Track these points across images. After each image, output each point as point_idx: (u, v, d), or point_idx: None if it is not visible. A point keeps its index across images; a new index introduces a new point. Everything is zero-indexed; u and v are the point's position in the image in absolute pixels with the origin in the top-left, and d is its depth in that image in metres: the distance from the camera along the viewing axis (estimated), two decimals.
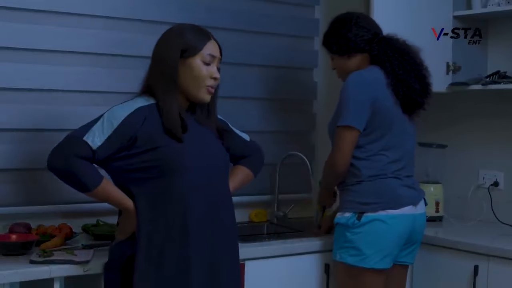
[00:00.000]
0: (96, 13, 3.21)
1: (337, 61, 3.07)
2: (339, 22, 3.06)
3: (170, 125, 2.41)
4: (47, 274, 2.51)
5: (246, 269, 2.92)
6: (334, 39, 3.04)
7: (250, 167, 2.78)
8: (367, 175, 2.90)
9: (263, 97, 3.75)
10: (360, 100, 2.86)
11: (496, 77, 3.44)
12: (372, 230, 2.85)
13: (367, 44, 2.99)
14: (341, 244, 2.92)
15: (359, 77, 2.91)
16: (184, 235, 2.38)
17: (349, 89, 2.89)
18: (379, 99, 2.88)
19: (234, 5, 3.63)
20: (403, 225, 2.89)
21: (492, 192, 3.57)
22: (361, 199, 2.89)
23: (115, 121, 2.38)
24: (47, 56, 3.10)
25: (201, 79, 2.48)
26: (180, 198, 2.39)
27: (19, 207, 3.05)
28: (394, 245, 2.89)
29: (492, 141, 3.63)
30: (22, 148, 3.04)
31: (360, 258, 2.86)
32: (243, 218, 3.66)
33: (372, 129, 2.89)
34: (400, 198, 2.90)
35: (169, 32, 2.53)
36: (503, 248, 2.97)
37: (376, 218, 2.85)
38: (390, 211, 2.86)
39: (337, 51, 3.04)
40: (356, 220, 2.86)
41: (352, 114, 2.86)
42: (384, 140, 2.91)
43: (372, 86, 2.88)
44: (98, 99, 3.16)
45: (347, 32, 3.00)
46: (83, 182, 2.37)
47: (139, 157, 2.39)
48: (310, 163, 3.61)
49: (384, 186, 2.90)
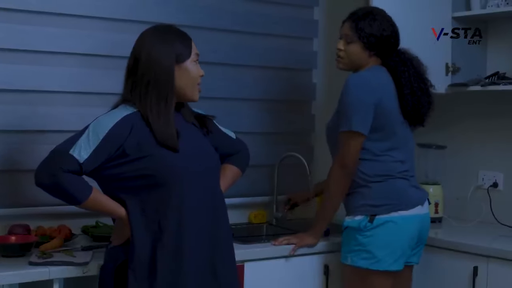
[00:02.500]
0: (94, 14, 3.21)
1: (355, 49, 2.93)
2: (384, 19, 2.94)
3: (166, 139, 2.38)
4: (46, 275, 2.51)
5: (246, 271, 2.92)
6: (373, 32, 2.90)
7: (238, 165, 2.76)
8: (374, 176, 2.89)
9: (262, 98, 3.75)
10: (364, 104, 2.84)
11: (495, 78, 3.44)
12: (384, 232, 2.85)
13: (390, 52, 2.95)
14: (351, 247, 2.90)
15: (362, 79, 2.88)
16: (179, 241, 2.37)
17: (352, 92, 2.85)
18: (382, 101, 2.86)
19: (234, 6, 3.63)
20: (414, 225, 2.90)
21: (491, 193, 3.57)
22: (371, 202, 2.88)
23: (101, 132, 2.36)
24: (44, 57, 3.11)
25: (195, 79, 2.49)
26: (177, 204, 2.38)
27: (18, 209, 3.05)
28: (406, 246, 2.90)
29: (492, 142, 3.63)
30: (22, 149, 3.04)
31: (373, 261, 2.85)
32: (242, 219, 3.66)
33: (376, 130, 2.88)
34: (410, 198, 2.91)
35: (151, 39, 2.45)
36: (503, 249, 2.97)
37: (388, 220, 2.85)
38: (402, 212, 2.87)
39: (366, 42, 2.91)
40: (368, 223, 2.85)
41: (356, 119, 2.83)
42: (389, 141, 2.91)
43: (376, 89, 2.86)
44: (96, 101, 3.16)
45: (389, 36, 2.93)
46: (72, 195, 2.35)
47: (129, 166, 2.37)
48: (309, 164, 3.61)
49: (394, 187, 2.90)
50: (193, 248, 2.40)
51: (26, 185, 3.02)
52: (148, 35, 2.48)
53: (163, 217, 2.37)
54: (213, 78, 3.37)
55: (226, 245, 2.52)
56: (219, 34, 3.58)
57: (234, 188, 2.91)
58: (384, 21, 2.93)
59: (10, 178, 3.05)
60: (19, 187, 3.04)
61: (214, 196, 2.50)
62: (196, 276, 2.40)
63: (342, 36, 2.97)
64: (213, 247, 2.46)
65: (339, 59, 2.99)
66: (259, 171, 3.72)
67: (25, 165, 2.99)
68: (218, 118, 2.74)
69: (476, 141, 3.69)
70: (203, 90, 2.55)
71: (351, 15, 2.97)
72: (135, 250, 2.36)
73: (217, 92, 3.51)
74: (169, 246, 2.36)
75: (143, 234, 2.37)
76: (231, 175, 2.72)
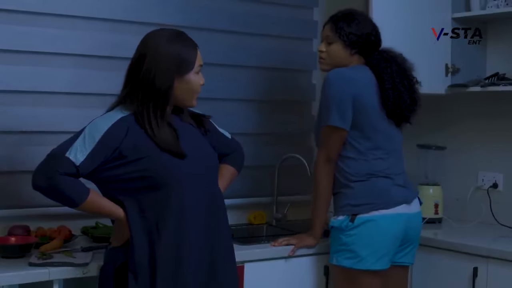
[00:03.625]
0: (93, 15, 3.22)
1: (336, 49, 2.97)
2: (364, 19, 2.98)
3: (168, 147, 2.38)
4: (46, 276, 2.51)
5: (246, 271, 2.92)
6: (352, 30, 2.93)
7: (234, 165, 2.76)
8: (357, 175, 2.90)
9: (262, 99, 3.76)
10: (342, 98, 2.86)
11: (495, 79, 3.44)
12: (365, 231, 2.85)
13: (371, 50, 2.97)
14: (336, 247, 2.92)
15: (338, 74, 2.90)
16: (178, 242, 2.37)
17: (330, 87, 2.88)
18: (361, 96, 2.87)
19: (233, 6, 3.63)
20: (397, 224, 2.89)
21: (491, 193, 3.57)
22: (353, 201, 2.89)
23: (97, 134, 2.35)
24: (43, 58, 3.11)
25: (195, 91, 2.48)
26: (176, 205, 2.38)
27: (18, 210, 3.05)
28: (389, 245, 2.89)
29: (491, 142, 3.63)
30: (22, 150, 3.04)
31: (356, 261, 2.85)
32: (242, 220, 3.66)
33: (357, 127, 2.89)
34: (392, 197, 2.90)
35: (157, 44, 2.41)
36: (502, 250, 2.96)
37: (369, 219, 2.85)
38: (383, 211, 2.86)
39: (347, 40, 2.94)
40: (349, 222, 2.86)
41: (335, 113, 2.86)
42: (372, 139, 2.91)
43: (352, 83, 2.87)
44: (95, 102, 3.16)
45: (369, 33, 2.95)
46: (69, 198, 2.35)
47: (126, 168, 2.37)
48: (309, 165, 3.60)
49: (376, 186, 2.90)
50: (192, 248, 2.39)
51: (25, 186, 3.00)
52: (154, 40, 2.43)
53: (161, 218, 2.37)
54: (212, 79, 3.36)
55: (226, 245, 2.52)
56: (218, 34, 3.58)
57: (234, 189, 2.92)
58: (363, 20, 2.97)
59: (9, 179, 3.05)
60: (19, 188, 3.04)
61: (213, 196, 2.50)
62: (195, 277, 2.39)
63: (323, 38, 3.03)
64: (213, 248, 2.45)
65: (322, 61, 3.03)
66: (259, 172, 3.73)
67: (25, 166, 2.99)
68: (217, 119, 2.74)
69: (476, 142, 3.69)
70: (203, 90, 2.53)
71: (331, 18, 3.02)
72: (134, 252, 2.36)
73: (216, 93, 3.51)
74: (168, 247, 2.36)
75: (142, 236, 2.37)
76: (228, 175, 2.72)
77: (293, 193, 3.82)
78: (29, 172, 2.41)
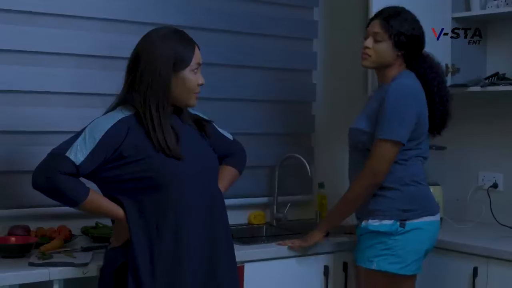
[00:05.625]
0: (93, 15, 3.21)
1: (385, 48, 2.88)
2: (413, 19, 2.91)
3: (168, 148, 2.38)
4: (46, 276, 2.51)
5: (246, 271, 2.92)
6: (404, 31, 2.86)
7: (236, 166, 2.76)
8: (404, 180, 2.87)
9: (262, 99, 3.75)
10: (409, 115, 2.80)
11: (495, 78, 3.44)
12: (413, 237, 2.85)
13: (416, 54, 2.94)
14: (378, 251, 2.86)
15: (404, 88, 2.83)
16: (178, 242, 2.37)
17: (396, 101, 2.80)
18: (422, 113, 2.86)
19: (233, 7, 3.63)
20: (437, 230, 2.95)
21: (491, 193, 3.57)
22: (402, 206, 2.85)
23: (97, 134, 2.35)
24: (43, 58, 3.11)
25: (192, 89, 2.46)
26: (175, 205, 2.38)
27: (18, 210, 3.05)
28: (428, 250, 2.93)
29: (492, 142, 3.63)
30: (22, 150, 3.04)
31: (402, 266, 2.83)
32: (242, 220, 3.66)
33: (414, 138, 2.86)
34: (434, 204, 2.95)
35: (153, 42, 2.41)
36: (502, 250, 2.96)
37: (418, 224, 2.85)
38: (429, 217, 2.88)
39: (397, 41, 2.86)
40: (399, 227, 2.83)
41: (399, 128, 2.79)
42: (419, 148, 2.90)
43: (417, 99, 2.85)
44: (96, 102, 3.15)
45: (418, 36, 2.90)
46: (70, 197, 2.35)
47: (127, 168, 2.37)
48: (309, 165, 3.60)
49: (422, 193, 2.91)
50: (192, 249, 2.39)
51: (26, 186, 3.00)
52: (151, 37, 2.44)
53: (161, 219, 2.37)
54: (212, 79, 3.36)
55: (226, 245, 2.52)
56: (219, 35, 3.58)
57: (235, 189, 2.91)
58: (413, 21, 2.91)
59: (10, 179, 3.05)
60: (19, 188, 3.03)
61: (213, 197, 2.50)
62: (195, 277, 2.39)
63: (370, 34, 2.91)
64: (212, 248, 2.45)
65: (367, 57, 2.91)
66: (259, 172, 3.73)
67: (25, 166, 2.99)
68: (218, 119, 2.75)
69: (476, 142, 3.69)
70: (203, 90, 2.53)
71: (380, 13, 2.92)
72: (134, 252, 2.36)
73: (217, 93, 3.51)
74: (167, 247, 2.36)
75: (141, 236, 2.37)
76: (229, 176, 2.72)
77: (293, 193, 3.82)
78: (29, 172, 2.41)
